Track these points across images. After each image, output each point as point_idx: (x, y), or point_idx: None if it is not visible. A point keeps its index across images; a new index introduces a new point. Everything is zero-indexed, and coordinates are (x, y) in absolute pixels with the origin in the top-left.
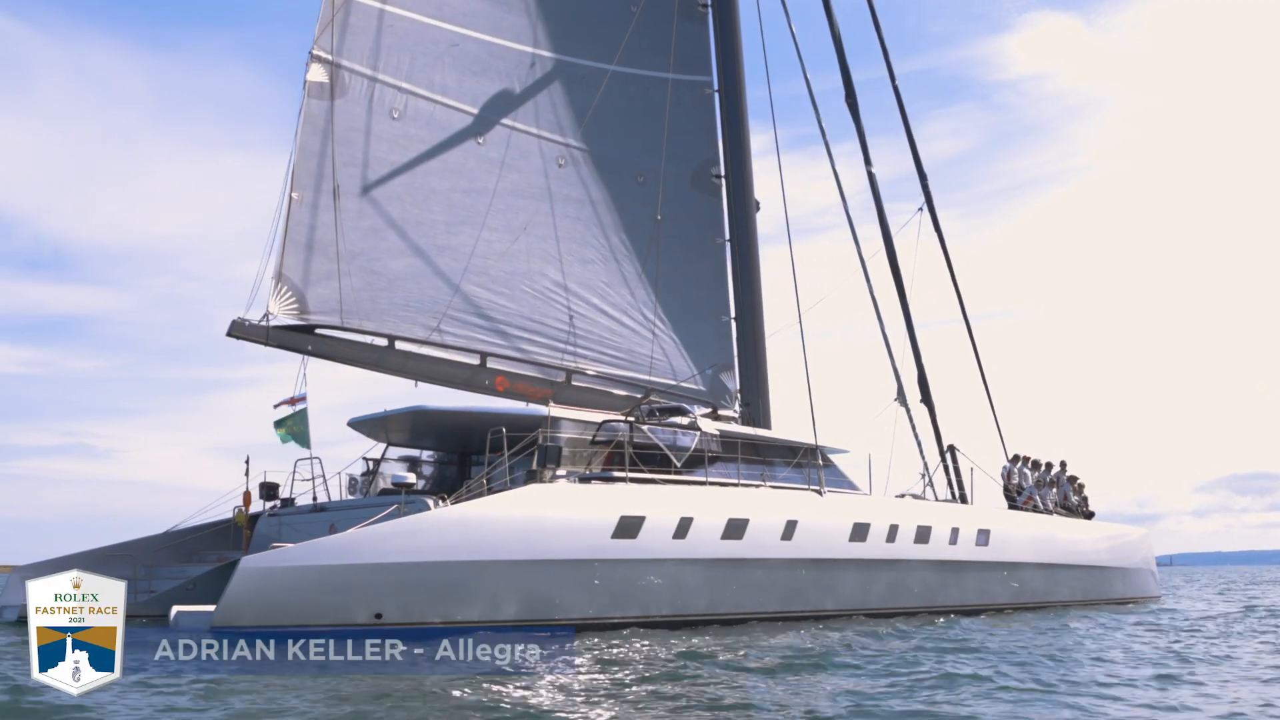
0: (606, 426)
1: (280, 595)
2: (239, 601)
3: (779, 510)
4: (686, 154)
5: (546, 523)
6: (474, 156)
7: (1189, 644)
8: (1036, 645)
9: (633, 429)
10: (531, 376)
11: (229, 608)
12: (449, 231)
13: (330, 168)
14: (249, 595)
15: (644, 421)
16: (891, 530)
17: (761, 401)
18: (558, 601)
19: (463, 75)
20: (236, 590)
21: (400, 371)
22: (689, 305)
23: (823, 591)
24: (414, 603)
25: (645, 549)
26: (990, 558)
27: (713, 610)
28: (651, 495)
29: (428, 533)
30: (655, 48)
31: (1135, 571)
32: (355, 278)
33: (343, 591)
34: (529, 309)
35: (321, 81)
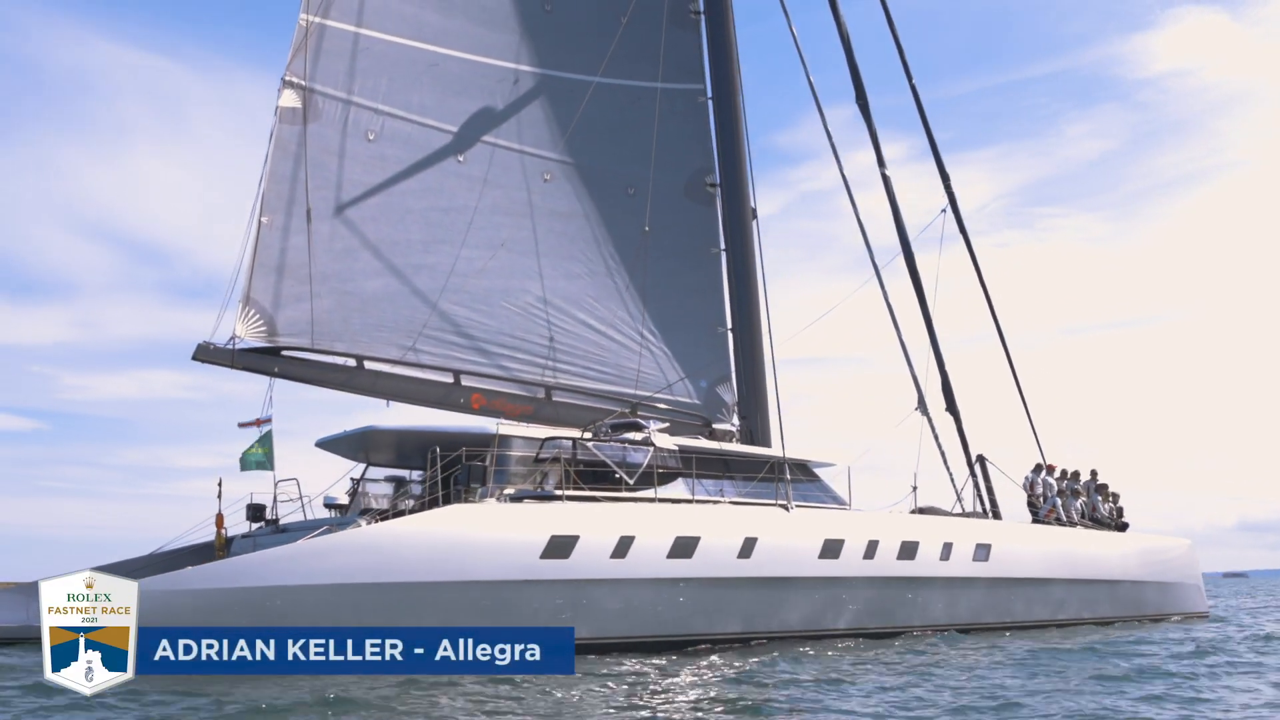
0: (550, 443)
1: (177, 620)
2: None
3: (735, 527)
4: (679, 163)
5: (461, 544)
6: (453, 175)
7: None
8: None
9: (576, 445)
10: (509, 394)
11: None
12: (426, 250)
13: (302, 191)
14: (144, 620)
15: (600, 438)
16: (870, 547)
17: (760, 415)
18: (475, 624)
19: (443, 94)
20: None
21: (370, 392)
22: (683, 317)
23: (788, 611)
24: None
25: (579, 569)
26: (990, 574)
27: (660, 632)
28: (588, 513)
29: (328, 555)
30: (645, 57)
31: (1175, 586)
32: (327, 299)
33: (240, 615)
34: (509, 326)
35: (293, 107)
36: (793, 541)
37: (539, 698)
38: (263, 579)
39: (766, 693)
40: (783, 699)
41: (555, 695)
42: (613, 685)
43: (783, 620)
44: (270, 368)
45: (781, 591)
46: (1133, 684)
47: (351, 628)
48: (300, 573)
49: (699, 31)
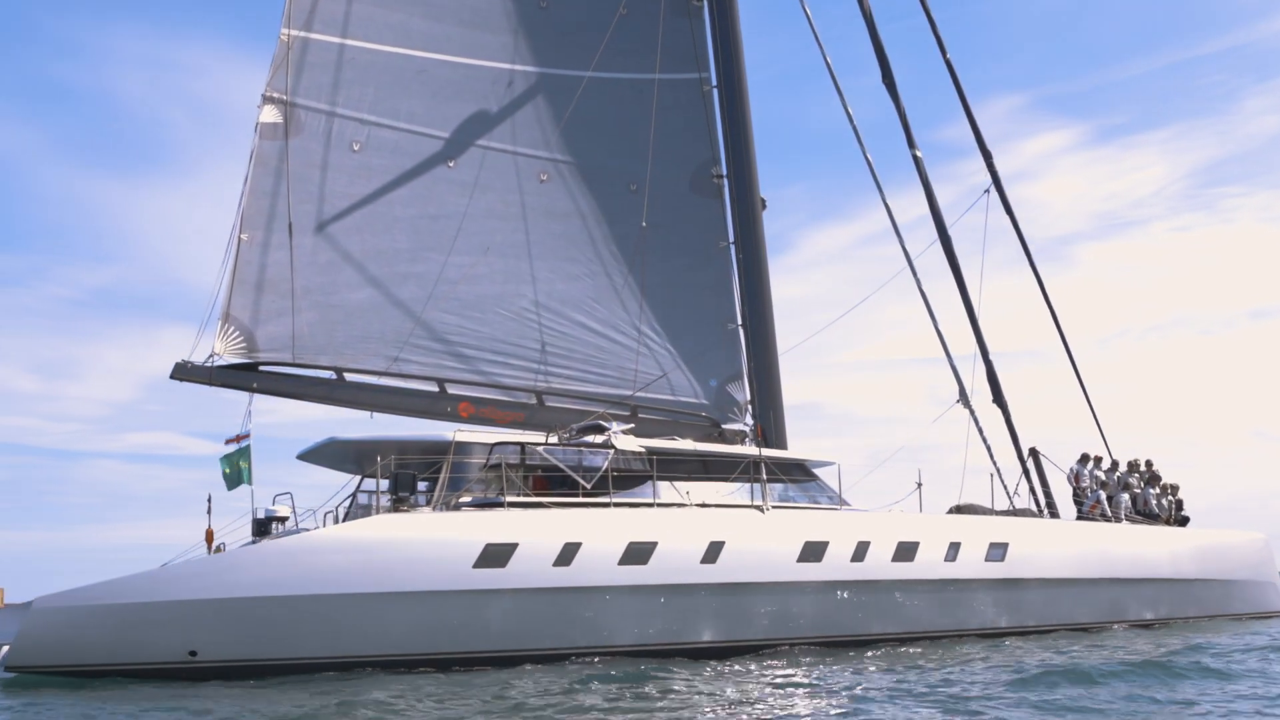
0: (499, 448)
1: (77, 635)
2: (31, 643)
3: (699, 531)
4: (684, 156)
5: (384, 554)
6: (443, 181)
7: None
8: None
9: (525, 450)
10: (499, 401)
11: (21, 650)
12: (413, 259)
13: (283, 206)
14: (42, 636)
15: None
16: (860, 549)
17: (774, 413)
18: (402, 637)
19: (432, 100)
20: (28, 632)
21: (352, 404)
22: (692, 315)
23: (760, 619)
24: (231, 641)
25: (517, 578)
26: (1007, 575)
27: (609, 643)
28: (529, 520)
29: (243, 568)
30: (646, 49)
31: (1243, 584)
32: (309, 313)
33: (149, 630)
34: (503, 332)
35: (274, 122)
36: (767, 545)
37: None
38: (169, 594)
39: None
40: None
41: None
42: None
43: (756, 628)
44: (249, 383)
45: (754, 598)
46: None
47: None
48: (206, 587)
49: (702, 18)
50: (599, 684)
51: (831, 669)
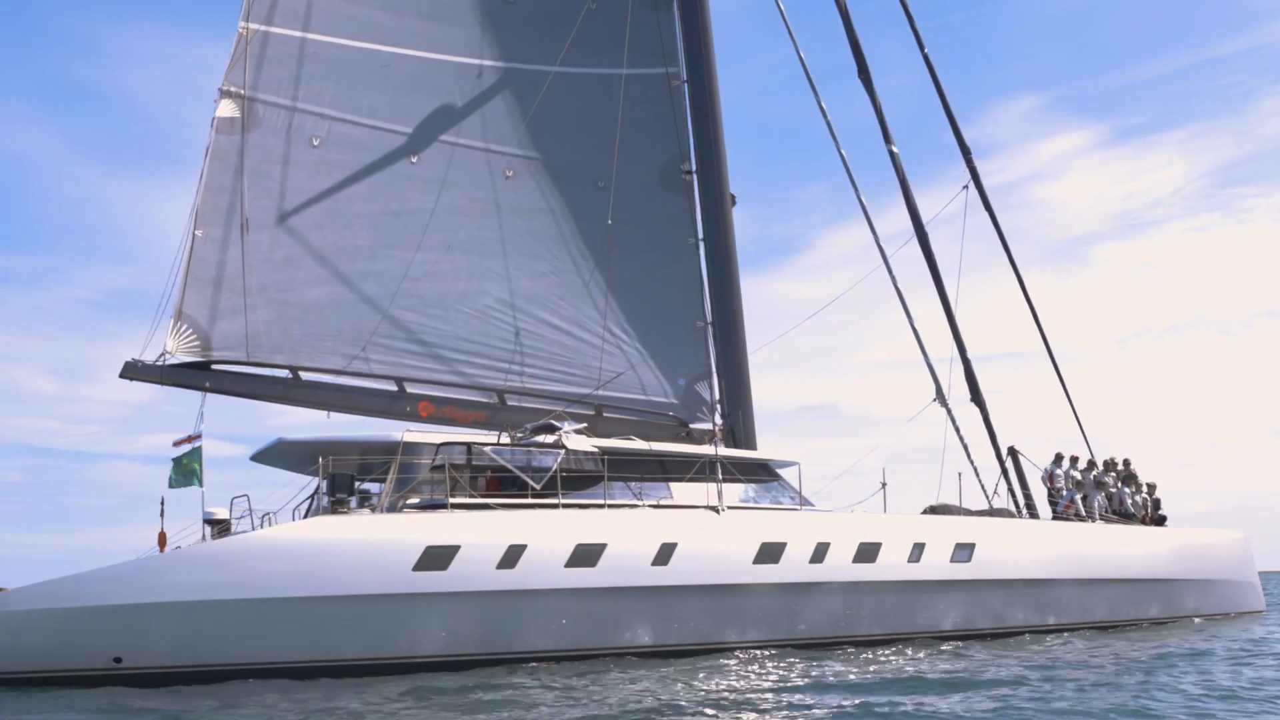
0: (444, 449)
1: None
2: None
3: (650, 533)
4: (653, 151)
5: (319, 557)
6: (405, 177)
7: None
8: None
9: (471, 450)
10: (461, 400)
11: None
12: (374, 256)
13: (240, 203)
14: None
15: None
16: (820, 550)
17: (743, 412)
18: (340, 641)
19: (396, 95)
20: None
21: (309, 404)
22: (660, 312)
23: (714, 622)
24: (157, 647)
25: (459, 581)
26: (973, 576)
27: (556, 646)
28: (472, 522)
29: (170, 572)
30: (614, 44)
31: (1221, 584)
32: (265, 310)
33: (73, 636)
34: (466, 330)
35: (231, 117)
36: (722, 546)
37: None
38: (93, 599)
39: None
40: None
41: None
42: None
43: (709, 631)
44: (201, 383)
45: (707, 600)
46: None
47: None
48: (131, 592)
49: (671, 13)
50: (544, 686)
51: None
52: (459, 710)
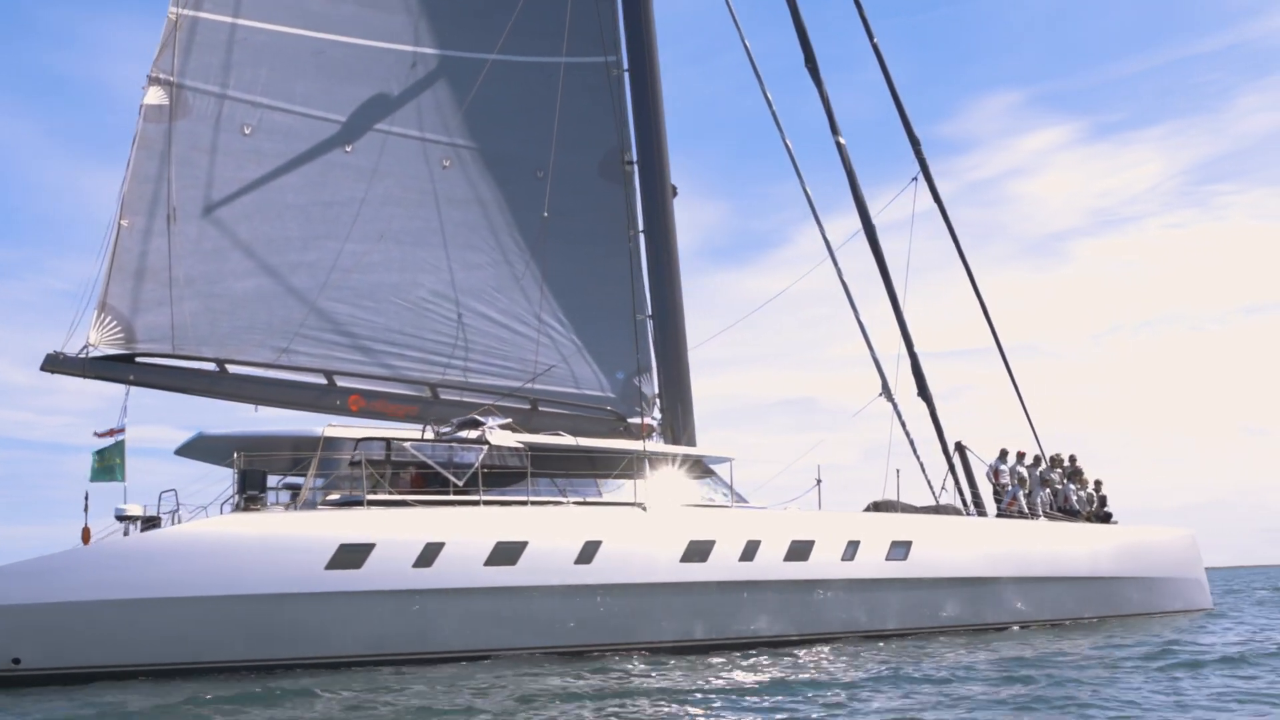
0: (364, 444)
1: None
2: None
3: (573, 530)
4: (593, 142)
5: (228, 555)
6: (338, 166)
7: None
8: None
9: (390, 446)
10: (393, 394)
11: None
12: (305, 247)
13: (166, 192)
14: None
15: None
16: (749, 548)
17: (683, 407)
18: (250, 641)
19: (329, 83)
20: None
21: (236, 397)
22: (600, 305)
23: (639, 621)
24: (56, 647)
25: (373, 580)
26: (909, 574)
27: (475, 646)
28: (388, 520)
29: (72, 570)
30: (554, 31)
31: (1168, 582)
32: (192, 302)
33: None
34: (398, 322)
35: (159, 104)
36: (647, 545)
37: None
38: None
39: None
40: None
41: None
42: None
43: (634, 630)
44: (125, 376)
45: (632, 599)
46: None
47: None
48: (30, 591)
49: (613, 1)
50: (466, 687)
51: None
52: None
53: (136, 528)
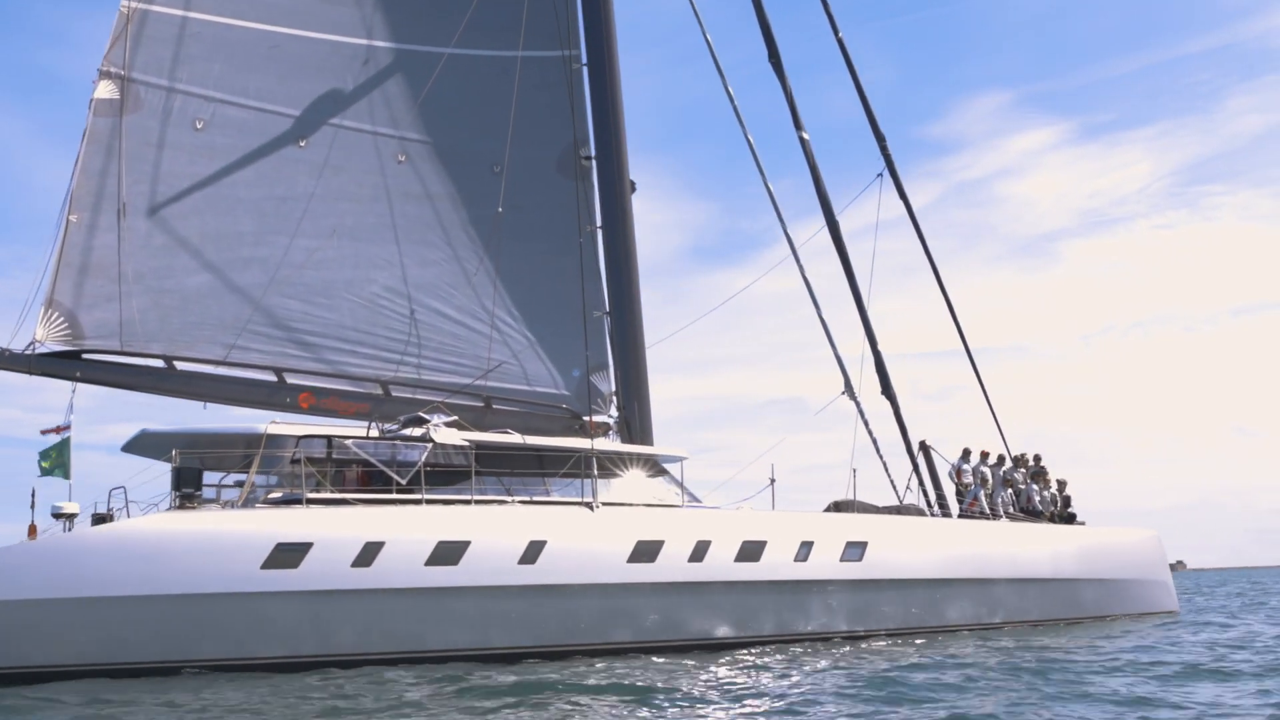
0: (305, 442)
1: None
2: None
3: (517, 530)
4: (551, 137)
5: (161, 554)
6: (292, 161)
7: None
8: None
9: (332, 444)
10: (344, 391)
11: None
12: (257, 243)
13: (115, 187)
14: None
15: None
16: (699, 548)
17: (640, 405)
18: (185, 641)
19: (284, 77)
20: None
21: (185, 394)
22: (556, 302)
23: (585, 623)
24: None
25: (310, 580)
26: (865, 575)
27: (415, 647)
28: (326, 518)
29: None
30: (512, 25)
31: (1132, 584)
32: (141, 298)
33: None
34: (351, 319)
35: (110, 98)
36: (594, 545)
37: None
38: None
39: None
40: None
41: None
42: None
43: (580, 632)
44: (72, 373)
45: (578, 601)
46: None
47: None
48: None
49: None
50: (404, 689)
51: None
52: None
53: (69, 525)
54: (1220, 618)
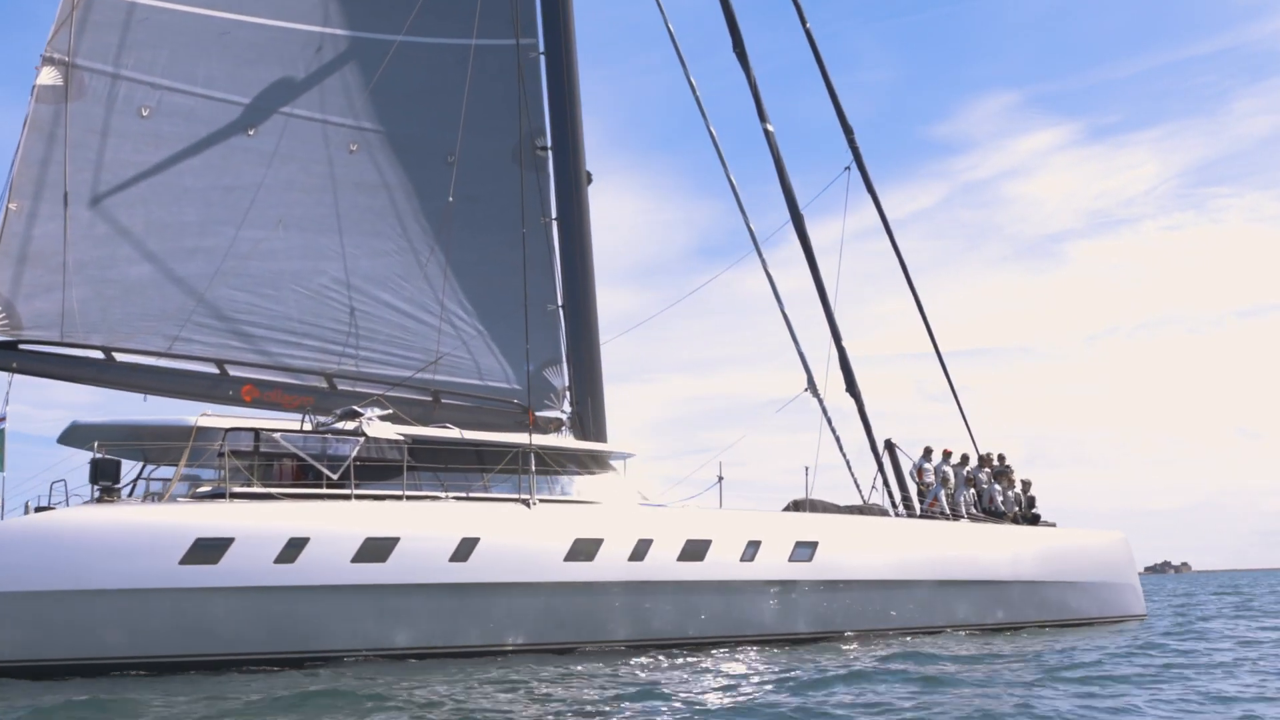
0: (232, 435)
1: None
2: None
3: (450, 527)
4: (506, 127)
5: (75, 548)
6: (240, 150)
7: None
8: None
9: (258, 437)
10: (288, 384)
11: None
12: (202, 233)
13: (59, 174)
14: None
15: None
16: (640, 547)
17: (594, 400)
18: (99, 638)
19: (234, 65)
20: None
21: (125, 386)
22: (511, 295)
23: (519, 622)
24: None
25: (230, 576)
26: (815, 576)
27: (339, 646)
28: (249, 514)
29: None
30: (469, 13)
31: (1097, 587)
32: (82, 288)
33: None
34: (298, 310)
35: (54, 85)
36: (529, 542)
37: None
38: None
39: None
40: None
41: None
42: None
43: (515, 632)
44: (9, 363)
45: (511, 600)
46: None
47: None
48: None
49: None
50: (317, 690)
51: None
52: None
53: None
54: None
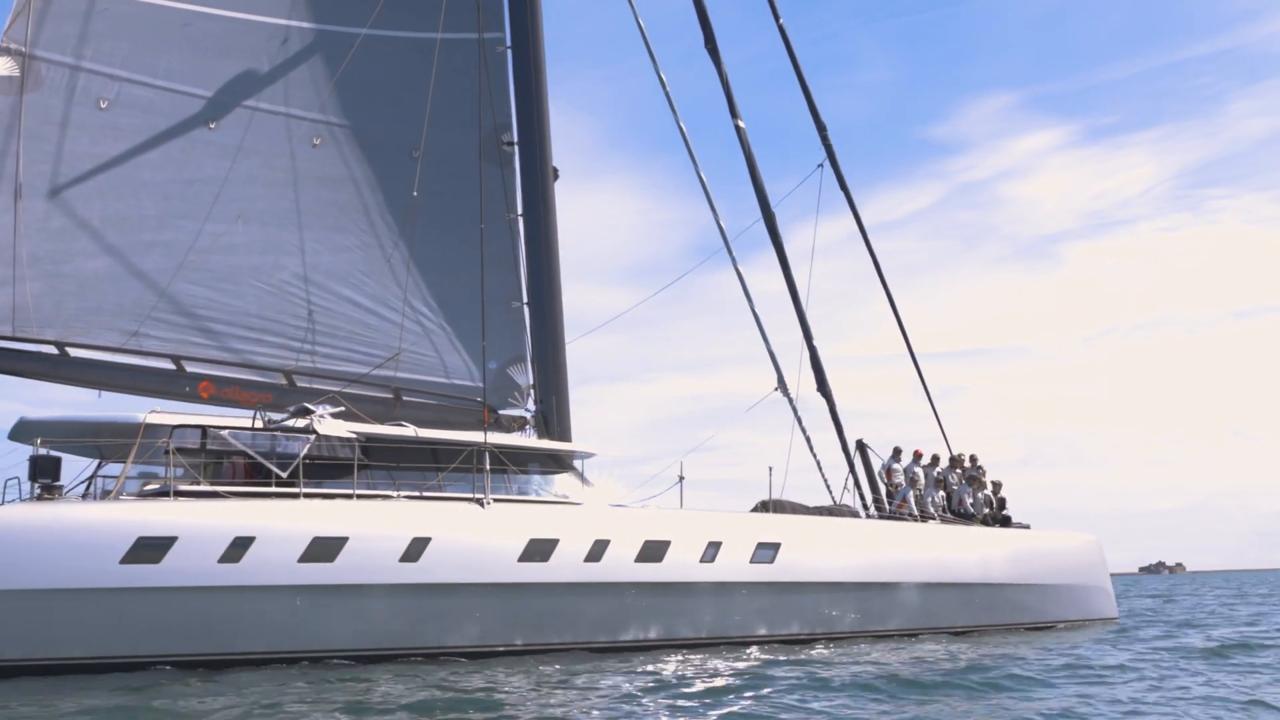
0: (178, 433)
1: None
2: None
3: (400, 526)
4: (472, 121)
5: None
6: (201, 143)
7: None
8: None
9: (205, 435)
10: (246, 380)
11: None
12: (161, 226)
13: (12, 166)
14: None
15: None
16: (597, 548)
17: (559, 398)
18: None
19: (197, 57)
20: None
21: (78, 382)
22: (475, 291)
23: (470, 623)
24: None
25: (173, 576)
26: (776, 578)
27: (286, 647)
28: (193, 513)
29: None
30: (434, 6)
31: (1068, 589)
32: (36, 282)
33: None
34: (257, 306)
35: (9, 75)
36: (482, 542)
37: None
38: None
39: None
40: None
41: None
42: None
43: (464, 633)
44: None
45: (463, 600)
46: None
47: None
48: None
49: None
50: (276, 693)
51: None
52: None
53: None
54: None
